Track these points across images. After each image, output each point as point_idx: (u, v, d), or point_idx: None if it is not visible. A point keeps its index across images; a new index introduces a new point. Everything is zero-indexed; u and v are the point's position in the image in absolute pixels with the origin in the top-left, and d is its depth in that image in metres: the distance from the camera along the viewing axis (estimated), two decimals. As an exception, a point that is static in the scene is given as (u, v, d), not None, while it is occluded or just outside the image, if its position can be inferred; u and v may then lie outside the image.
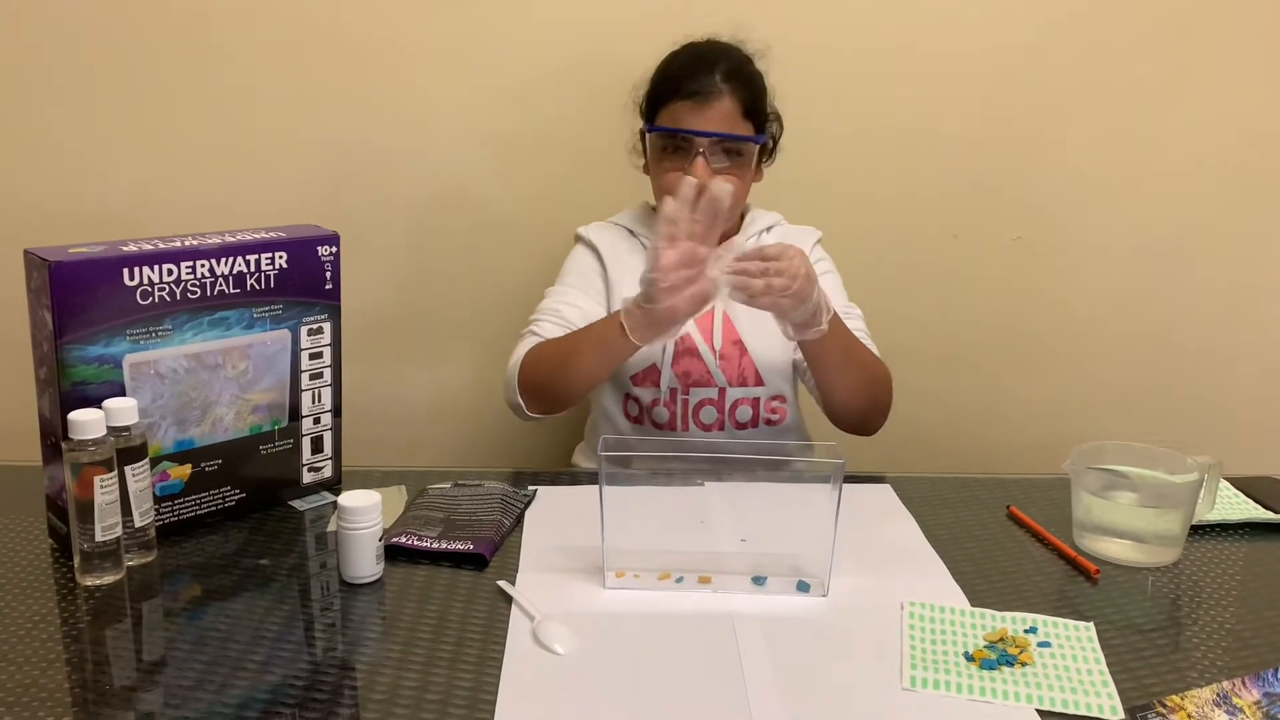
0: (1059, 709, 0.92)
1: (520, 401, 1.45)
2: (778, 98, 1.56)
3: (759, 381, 1.55)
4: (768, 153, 1.58)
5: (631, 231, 1.61)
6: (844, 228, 1.72)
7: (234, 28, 1.79)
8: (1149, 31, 1.84)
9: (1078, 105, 1.87)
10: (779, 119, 1.58)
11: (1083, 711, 0.92)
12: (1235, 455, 1.38)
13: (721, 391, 1.54)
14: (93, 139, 1.83)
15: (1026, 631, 1.05)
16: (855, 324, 1.51)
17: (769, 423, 1.56)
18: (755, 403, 1.55)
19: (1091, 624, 1.06)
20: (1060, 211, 1.93)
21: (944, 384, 2.00)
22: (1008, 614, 1.08)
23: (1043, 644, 1.02)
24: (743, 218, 1.61)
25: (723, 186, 1.21)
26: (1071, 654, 1.01)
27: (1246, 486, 1.39)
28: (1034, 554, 1.22)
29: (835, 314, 1.34)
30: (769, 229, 1.61)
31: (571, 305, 1.53)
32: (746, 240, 1.56)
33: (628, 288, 1.53)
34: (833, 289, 1.56)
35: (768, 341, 1.53)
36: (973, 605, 1.10)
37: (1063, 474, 1.25)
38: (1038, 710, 0.92)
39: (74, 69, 1.81)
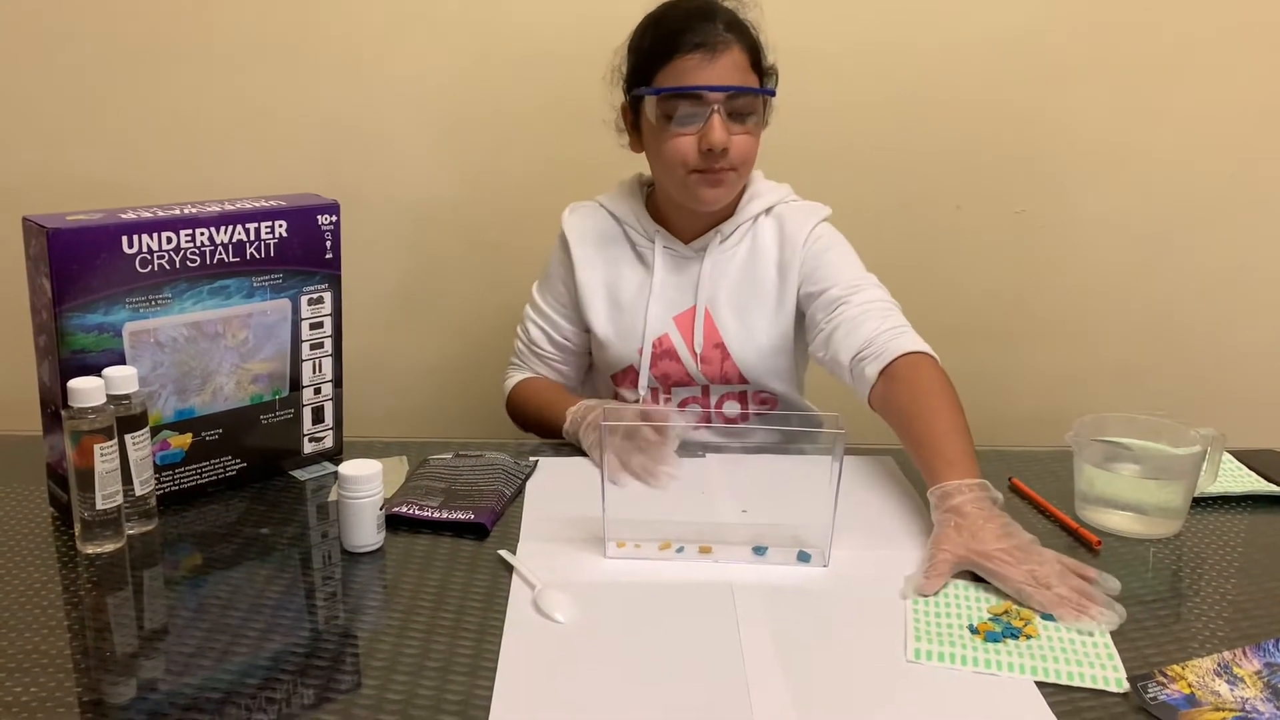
0: (1064, 681, 0.92)
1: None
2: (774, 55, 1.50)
3: (743, 380, 1.51)
4: (768, 112, 1.45)
5: (614, 215, 1.52)
6: (846, 199, 1.71)
7: (233, -4, 1.78)
8: (1155, 3, 1.82)
9: (1082, 77, 1.86)
10: (776, 74, 1.48)
11: (1087, 684, 0.92)
12: (1238, 428, 1.38)
13: (705, 389, 1.52)
14: (92, 107, 1.82)
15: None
16: (873, 294, 1.42)
17: (759, 413, 1.53)
18: (741, 396, 1.53)
19: None
20: (1064, 184, 1.92)
21: (946, 356, 1.97)
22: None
23: (1046, 617, 1.02)
24: (742, 193, 1.50)
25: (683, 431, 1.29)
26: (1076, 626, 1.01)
27: (1249, 459, 1.39)
28: (1035, 525, 1.22)
29: (950, 450, 1.20)
30: (768, 210, 1.50)
31: (543, 332, 1.56)
32: (736, 228, 1.48)
33: (591, 272, 1.51)
34: (845, 263, 1.47)
35: (753, 344, 1.48)
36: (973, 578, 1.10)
37: (1065, 446, 1.24)
38: (1040, 682, 0.92)
39: (74, 36, 1.80)
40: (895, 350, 1.34)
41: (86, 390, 1.08)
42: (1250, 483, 1.33)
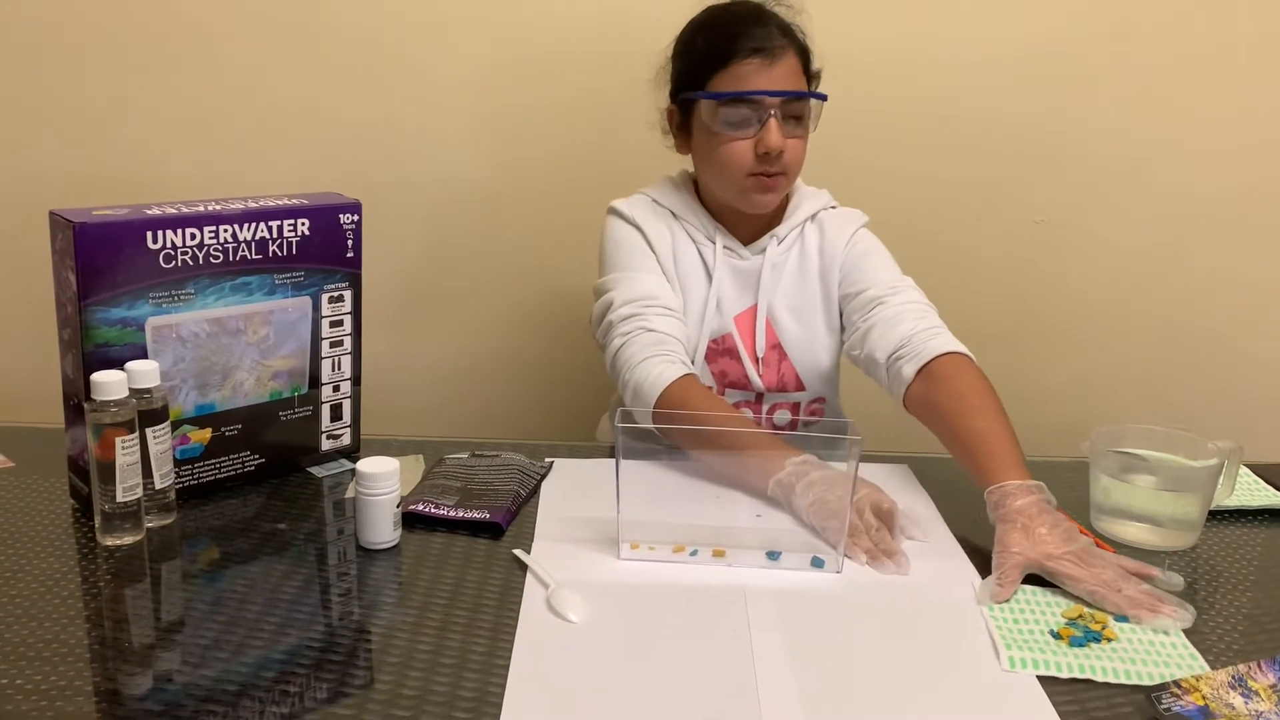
0: (1157, 682, 0.93)
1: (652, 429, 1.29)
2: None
3: (799, 387, 1.50)
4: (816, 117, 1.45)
5: (668, 209, 1.50)
6: (866, 207, 1.71)
7: (259, -4, 1.80)
8: (1173, 14, 1.82)
9: (1102, 88, 1.86)
10: (819, 78, 1.48)
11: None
12: (1256, 442, 1.37)
13: (759, 396, 1.51)
14: (119, 103, 1.84)
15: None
16: (910, 295, 1.42)
17: (807, 424, 1.52)
18: (794, 407, 1.52)
19: None
20: (1083, 194, 1.92)
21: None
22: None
23: (1120, 618, 1.03)
24: (788, 201, 1.51)
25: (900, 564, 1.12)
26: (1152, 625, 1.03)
27: (1266, 473, 1.38)
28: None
29: (996, 448, 1.21)
30: (813, 216, 1.51)
31: (661, 290, 1.43)
32: (790, 232, 1.49)
33: (663, 245, 1.47)
34: (883, 265, 1.47)
35: (810, 348, 1.49)
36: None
37: (1081, 456, 1.24)
38: (1136, 685, 0.93)
39: (101, 35, 1.81)
40: (933, 350, 1.33)
41: (109, 384, 1.09)
42: (1267, 497, 1.32)
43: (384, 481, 1.12)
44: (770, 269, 1.48)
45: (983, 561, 1.14)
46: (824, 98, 1.42)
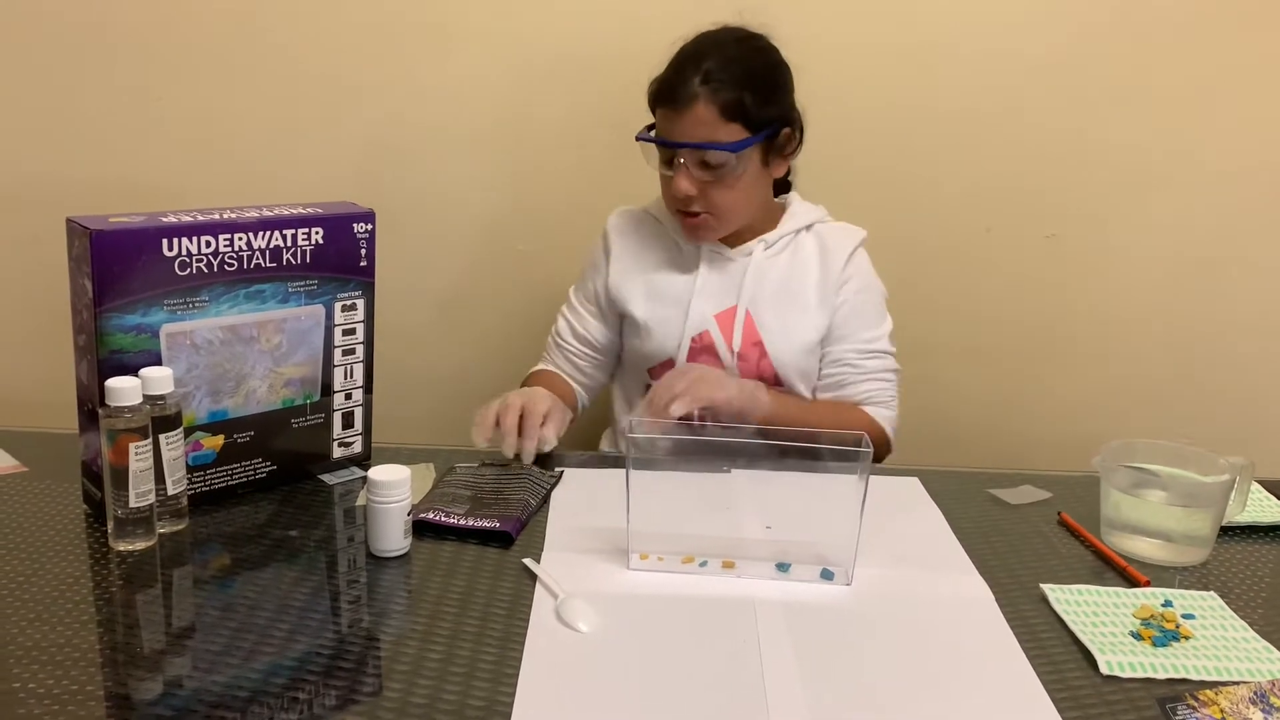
0: (1244, 679, 0.95)
1: None
2: (805, 84, 1.51)
3: (777, 383, 1.53)
4: (791, 146, 1.49)
5: (648, 210, 1.60)
6: (877, 220, 1.70)
7: (276, 4, 1.81)
8: (1190, 28, 1.82)
9: (1115, 103, 1.86)
10: (796, 109, 1.49)
11: (1261, 679, 0.95)
12: (1268, 458, 1.37)
13: None
14: (135, 112, 1.85)
15: (1164, 606, 1.08)
16: (878, 364, 1.52)
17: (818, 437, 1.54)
18: None
19: (1214, 593, 1.11)
20: (1095, 209, 1.91)
21: (975, 378, 1.99)
22: (1138, 590, 1.11)
23: (1186, 616, 1.05)
24: (782, 212, 1.57)
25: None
26: (1217, 624, 1.05)
27: (1279, 490, 1.38)
28: (1061, 550, 1.22)
29: (788, 399, 1.48)
30: (808, 227, 1.55)
31: (569, 325, 1.61)
32: (780, 238, 1.54)
33: (631, 261, 1.56)
34: (870, 316, 1.54)
35: (789, 344, 1.52)
36: (995, 597, 1.09)
37: (1092, 471, 1.24)
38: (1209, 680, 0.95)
39: (119, 42, 1.83)
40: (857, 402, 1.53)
41: (123, 390, 1.10)
42: (1279, 513, 1.31)
43: (395, 490, 1.12)
44: (755, 269, 1.52)
45: (992, 575, 1.14)
46: (735, 148, 1.40)
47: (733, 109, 1.40)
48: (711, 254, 1.54)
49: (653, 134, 1.46)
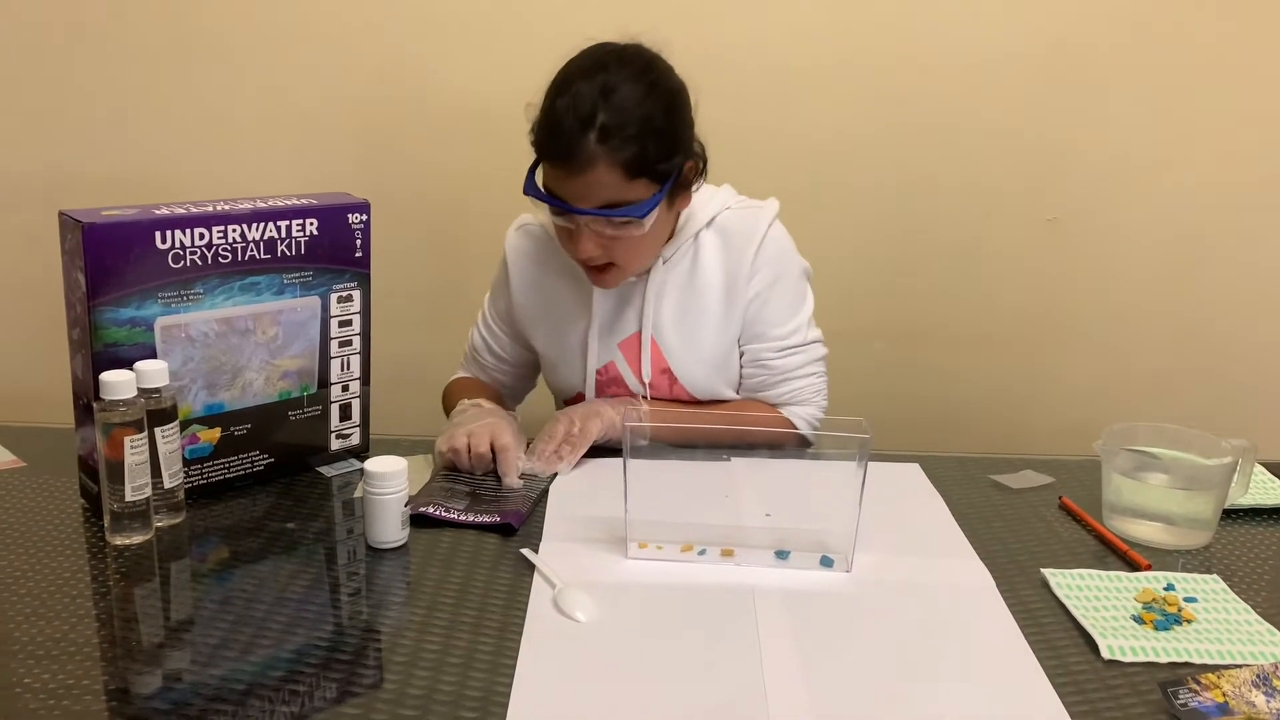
0: (1248, 661, 0.95)
1: None
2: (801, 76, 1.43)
3: (693, 400, 1.45)
4: (695, 175, 1.33)
5: (545, 228, 1.46)
6: (877, 206, 1.71)
7: (269, -3, 1.80)
8: (1188, 13, 1.81)
9: (1113, 85, 1.85)
10: (696, 138, 1.33)
11: (1264, 661, 0.95)
12: (1270, 439, 1.36)
13: None
14: (127, 103, 1.85)
15: (1166, 589, 1.07)
16: (793, 361, 1.42)
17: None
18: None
19: (1216, 575, 1.10)
20: (1095, 192, 1.90)
21: (975, 365, 1.99)
22: (1140, 573, 1.11)
23: (1189, 599, 1.05)
24: (676, 215, 1.39)
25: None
26: (1219, 607, 1.05)
27: (1281, 472, 1.37)
28: (1062, 535, 1.21)
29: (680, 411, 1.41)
30: (709, 223, 1.40)
31: (484, 342, 1.54)
32: (678, 248, 1.40)
33: (530, 294, 1.46)
34: (777, 307, 1.40)
35: (699, 367, 1.43)
36: (996, 583, 1.09)
37: (1094, 455, 1.23)
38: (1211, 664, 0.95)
39: (109, 33, 1.82)
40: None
41: (118, 383, 1.09)
42: (1283, 495, 1.31)
43: (391, 481, 1.12)
44: (654, 290, 1.41)
45: (994, 560, 1.14)
46: (640, 213, 1.25)
47: (636, 165, 1.24)
48: None
49: (541, 184, 1.31)
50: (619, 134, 1.22)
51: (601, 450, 1.39)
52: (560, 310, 1.46)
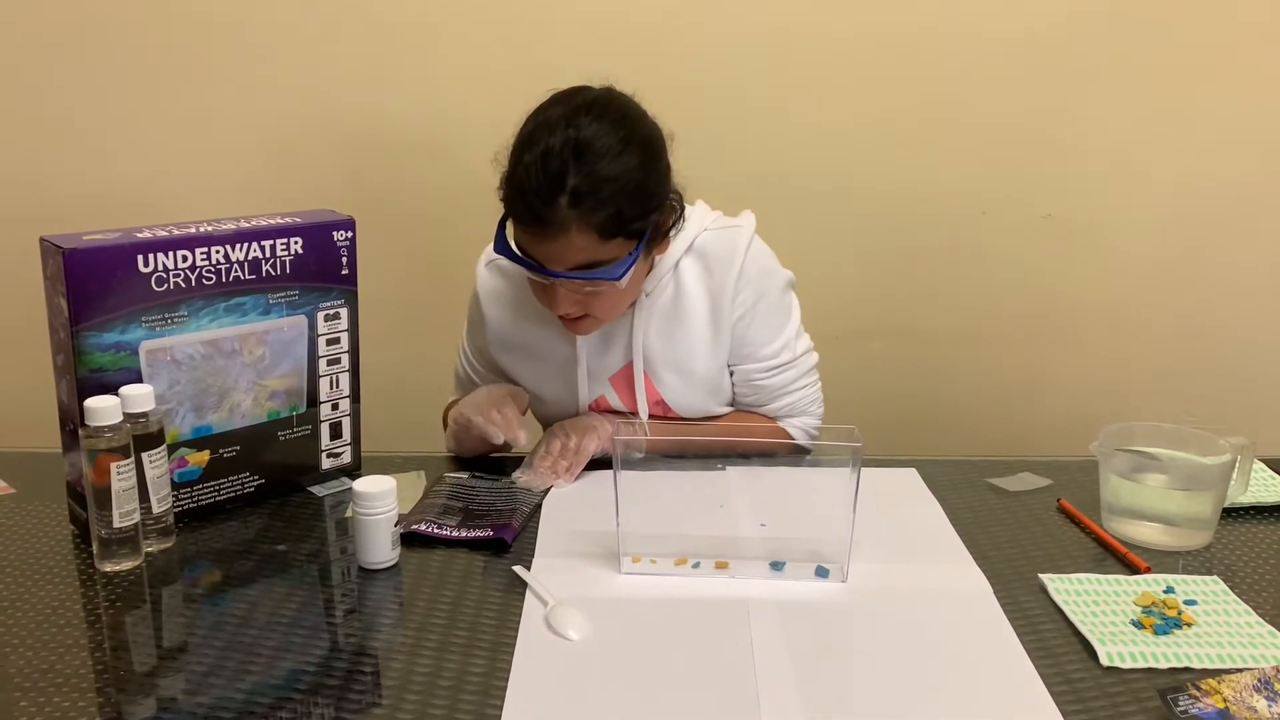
0: (1249, 665, 0.94)
1: None
2: (796, 73, 1.43)
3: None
4: (670, 224, 1.30)
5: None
6: (872, 204, 1.69)
7: (250, 11, 1.79)
8: (1186, 9, 1.80)
9: (1109, 81, 1.84)
10: (674, 193, 1.29)
11: (1265, 664, 0.94)
12: (1269, 436, 1.35)
13: None
14: (107, 125, 1.84)
15: (1165, 592, 1.06)
16: (783, 379, 1.39)
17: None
18: None
19: (1217, 576, 1.09)
20: (1091, 188, 1.89)
21: (973, 362, 1.98)
22: (1139, 576, 1.10)
23: (1189, 602, 1.04)
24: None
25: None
26: (1220, 609, 1.04)
27: (1282, 468, 1.36)
28: (1061, 538, 1.20)
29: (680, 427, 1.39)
30: (688, 248, 1.36)
31: (468, 375, 1.50)
32: (660, 280, 1.35)
33: (506, 333, 1.42)
34: (763, 326, 1.37)
35: (693, 396, 1.40)
36: (994, 588, 1.08)
37: (1091, 455, 1.22)
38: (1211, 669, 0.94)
39: (89, 55, 1.82)
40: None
41: (102, 409, 1.08)
42: (1283, 492, 1.30)
43: (380, 501, 1.11)
44: (640, 323, 1.36)
45: (991, 566, 1.13)
46: (614, 276, 1.22)
47: (611, 227, 1.19)
48: None
49: (512, 239, 1.26)
50: (591, 197, 1.17)
51: (596, 463, 1.38)
52: (542, 352, 1.42)
